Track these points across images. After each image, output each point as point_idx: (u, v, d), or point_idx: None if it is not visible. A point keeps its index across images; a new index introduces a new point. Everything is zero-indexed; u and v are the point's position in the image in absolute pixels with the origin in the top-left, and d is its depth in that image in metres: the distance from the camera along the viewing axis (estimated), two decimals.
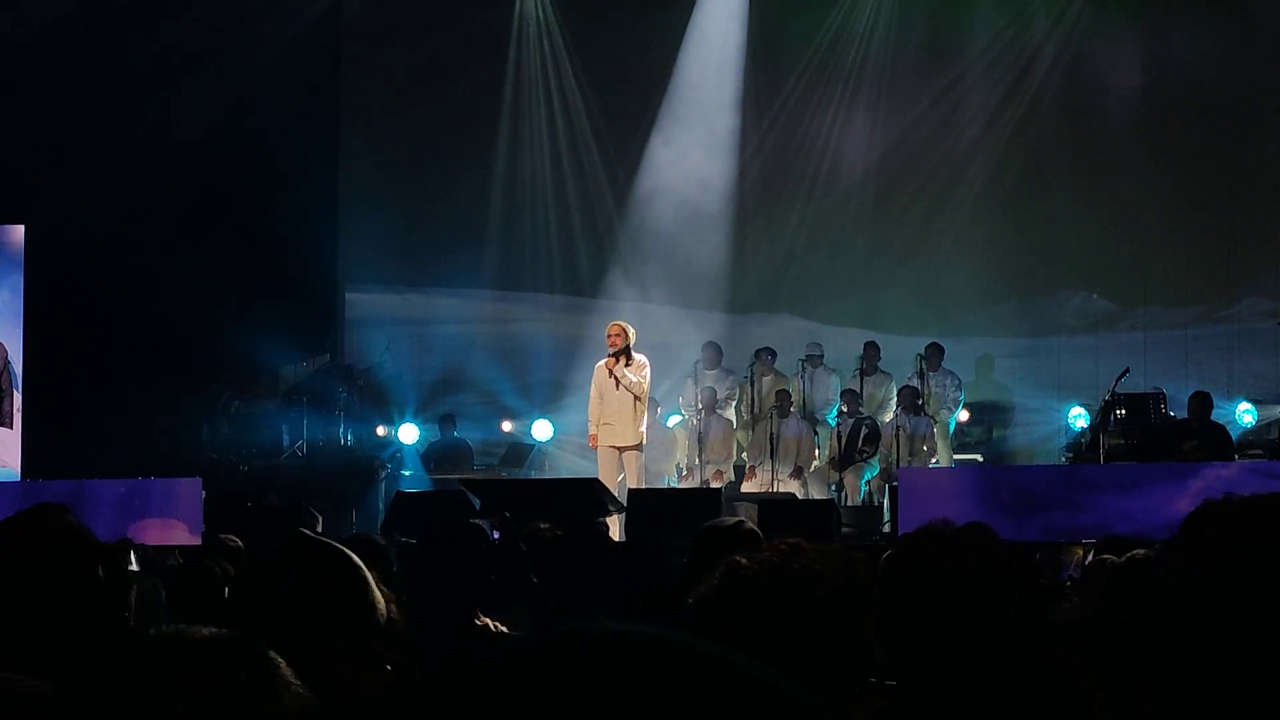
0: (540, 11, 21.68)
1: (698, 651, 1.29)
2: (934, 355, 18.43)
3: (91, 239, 18.82)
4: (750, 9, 21.13)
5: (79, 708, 2.11)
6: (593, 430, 15.65)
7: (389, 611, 3.17)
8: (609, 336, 15.51)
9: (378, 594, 3.15)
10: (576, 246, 21.57)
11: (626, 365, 15.39)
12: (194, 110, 19.42)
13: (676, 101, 21.11)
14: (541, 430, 19.86)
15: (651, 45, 21.12)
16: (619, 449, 15.42)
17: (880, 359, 18.62)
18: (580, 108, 21.59)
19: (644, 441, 15.71)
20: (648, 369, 15.55)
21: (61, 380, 18.71)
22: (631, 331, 15.56)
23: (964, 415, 19.10)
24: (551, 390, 20.50)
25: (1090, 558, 8.53)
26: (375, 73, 21.71)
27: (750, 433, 18.32)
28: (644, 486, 15.56)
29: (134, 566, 8.42)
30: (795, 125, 21.25)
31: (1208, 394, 16.50)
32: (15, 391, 17.76)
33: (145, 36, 19.02)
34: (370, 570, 3.18)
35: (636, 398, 15.30)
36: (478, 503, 13.80)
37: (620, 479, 15.18)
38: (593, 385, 15.66)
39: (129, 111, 19.01)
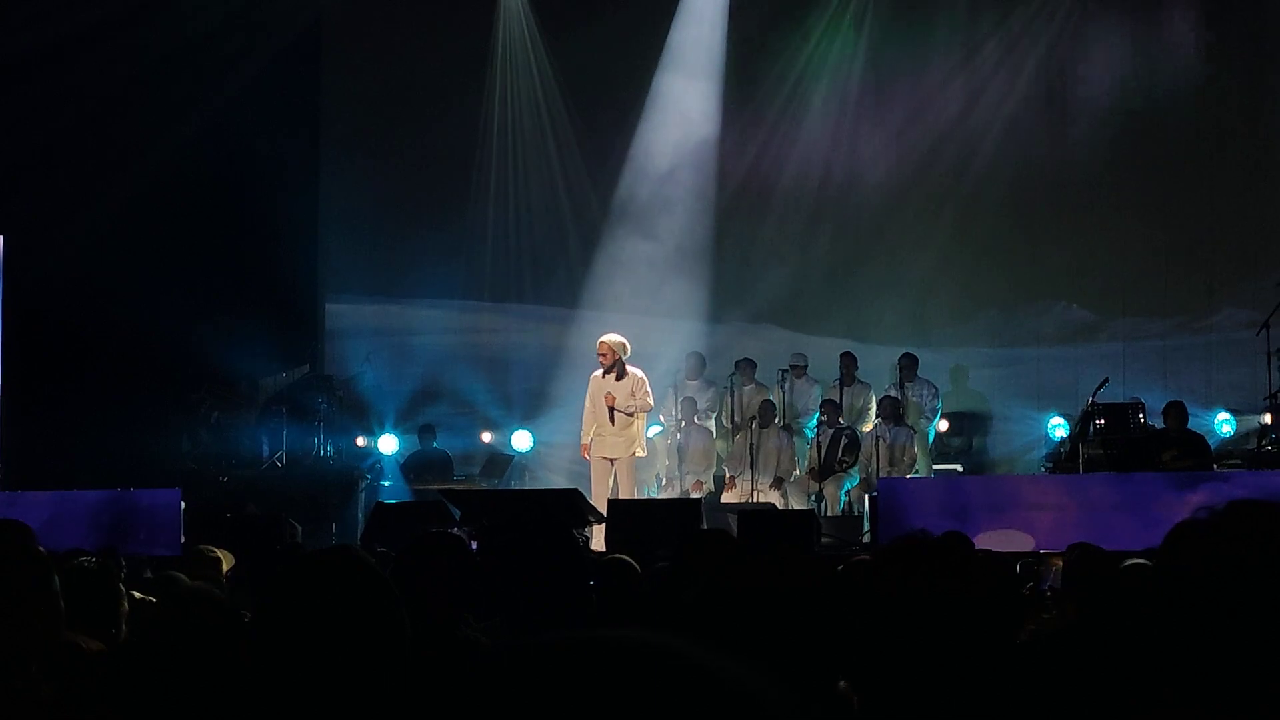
0: (521, 26, 21.68)
1: (696, 658, 1.29)
2: (909, 365, 18.48)
3: (71, 249, 18.76)
4: (729, 22, 21.15)
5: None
6: (585, 440, 15.68)
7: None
8: (599, 355, 15.56)
9: (402, 612, 3.20)
10: (557, 257, 21.57)
11: (618, 380, 15.42)
12: (175, 120, 19.38)
13: (657, 114, 21.12)
14: (521, 441, 19.88)
15: (632, 58, 21.13)
16: (612, 460, 15.44)
17: (858, 369, 18.64)
18: (560, 119, 21.60)
19: (639, 453, 15.77)
20: (646, 384, 15.61)
21: (40, 391, 18.64)
22: (623, 346, 15.57)
23: (944, 425, 19.12)
24: (531, 401, 20.50)
25: (1070, 568, 8.53)
26: (355, 84, 21.68)
27: (730, 443, 18.32)
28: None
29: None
30: (775, 137, 21.27)
31: (1182, 403, 16.53)
32: None
33: (128, 50, 18.98)
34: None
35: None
36: (457, 513, 13.79)
37: (613, 489, 15.25)
38: (588, 396, 15.70)
39: (109, 122, 18.98)
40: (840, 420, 17.81)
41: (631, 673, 1.28)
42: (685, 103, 21.12)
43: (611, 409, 15.38)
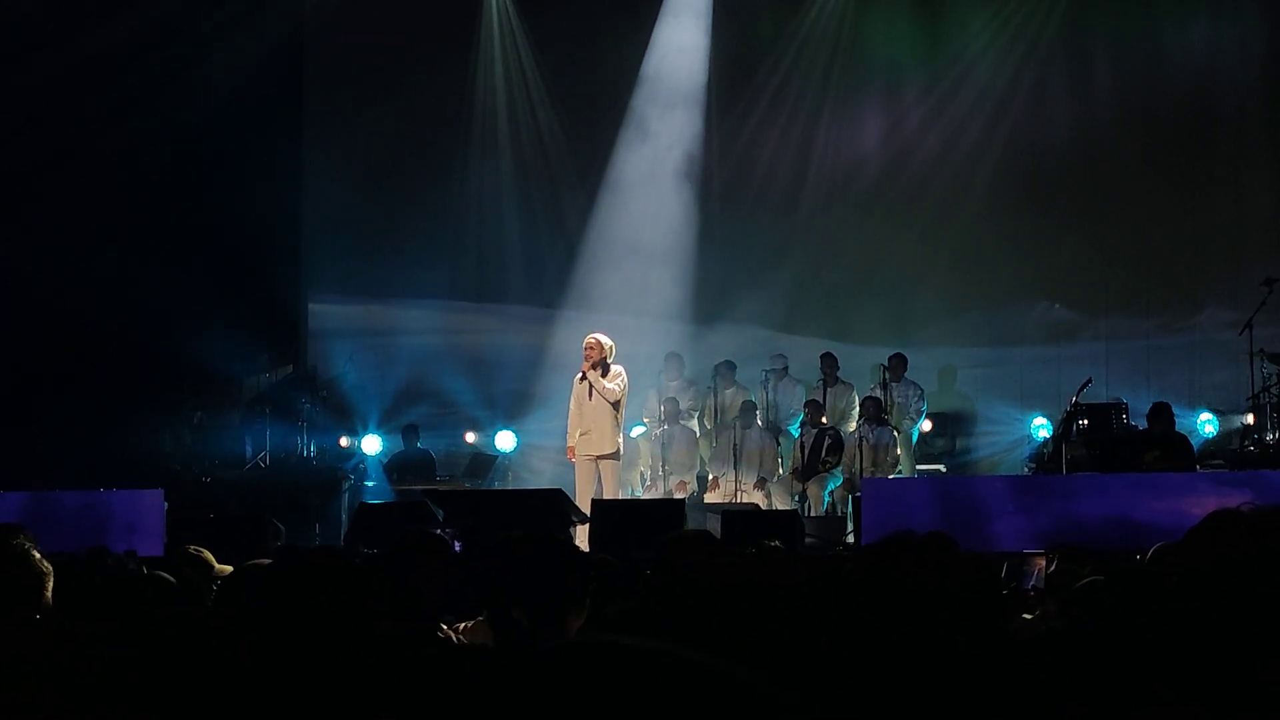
0: (504, 23, 21.67)
1: (697, 664, 1.29)
2: (897, 366, 18.47)
3: (52, 248, 18.70)
4: (715, 20, 21.16)
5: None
6: (570, 442, 15.65)
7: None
8: (586, 348, 15.56)
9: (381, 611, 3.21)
10: (540, 257, 21.55)
11: (603, 376, 15.43)
12: (159, 121, 19.32)
13: (641, 112, 21.12)
14: (505, 441, 19.86)
15: (616, 56, 21.13)
16: (596, 458, 15.42)
17: (839, 369, 18.65)
18: (544, 118, 21.59)
19: (621, 451, 15.74)
20: (623, 377, 15.59)
21: (22, 391, 18.58)
22: (608, 344, 15.57)
23: (927, 426, 19.13)
24: (515, 401, 20.47)
25: (1053, 567, 8.55)
26: (338, 85, 21.63)
27: (713, 443, 18.32)
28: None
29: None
30: (759, 136, 21.28)
31: (1166, 404, 16.54)
32: None
33: (109, 48, 18.92)
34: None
35: (614, 405, 15.35)
36: (441, 514, 13.77)
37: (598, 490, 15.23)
38: (572, 397, 15.68)
39: (92, 118, 18.90)
40: (824, 421, 17.83)
41: (644, 678, 1.29)
42: (669, 101, 21.14)
43: (590, 387, 15.36)
